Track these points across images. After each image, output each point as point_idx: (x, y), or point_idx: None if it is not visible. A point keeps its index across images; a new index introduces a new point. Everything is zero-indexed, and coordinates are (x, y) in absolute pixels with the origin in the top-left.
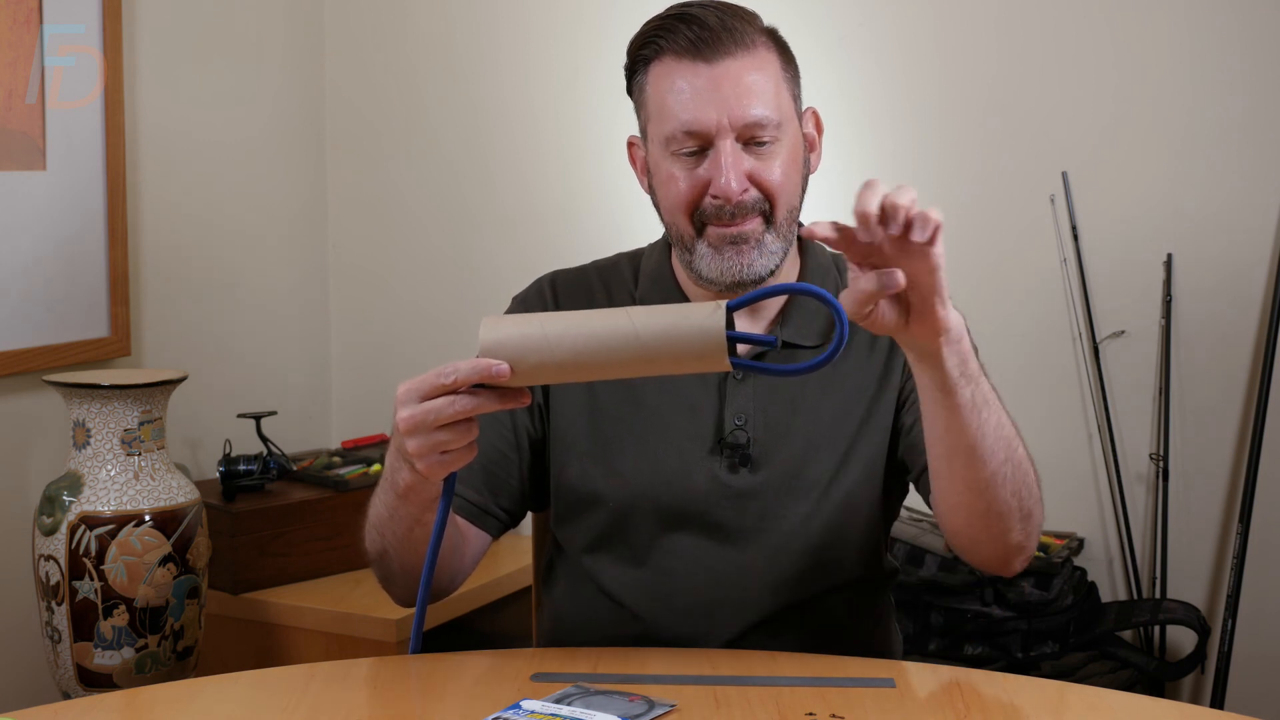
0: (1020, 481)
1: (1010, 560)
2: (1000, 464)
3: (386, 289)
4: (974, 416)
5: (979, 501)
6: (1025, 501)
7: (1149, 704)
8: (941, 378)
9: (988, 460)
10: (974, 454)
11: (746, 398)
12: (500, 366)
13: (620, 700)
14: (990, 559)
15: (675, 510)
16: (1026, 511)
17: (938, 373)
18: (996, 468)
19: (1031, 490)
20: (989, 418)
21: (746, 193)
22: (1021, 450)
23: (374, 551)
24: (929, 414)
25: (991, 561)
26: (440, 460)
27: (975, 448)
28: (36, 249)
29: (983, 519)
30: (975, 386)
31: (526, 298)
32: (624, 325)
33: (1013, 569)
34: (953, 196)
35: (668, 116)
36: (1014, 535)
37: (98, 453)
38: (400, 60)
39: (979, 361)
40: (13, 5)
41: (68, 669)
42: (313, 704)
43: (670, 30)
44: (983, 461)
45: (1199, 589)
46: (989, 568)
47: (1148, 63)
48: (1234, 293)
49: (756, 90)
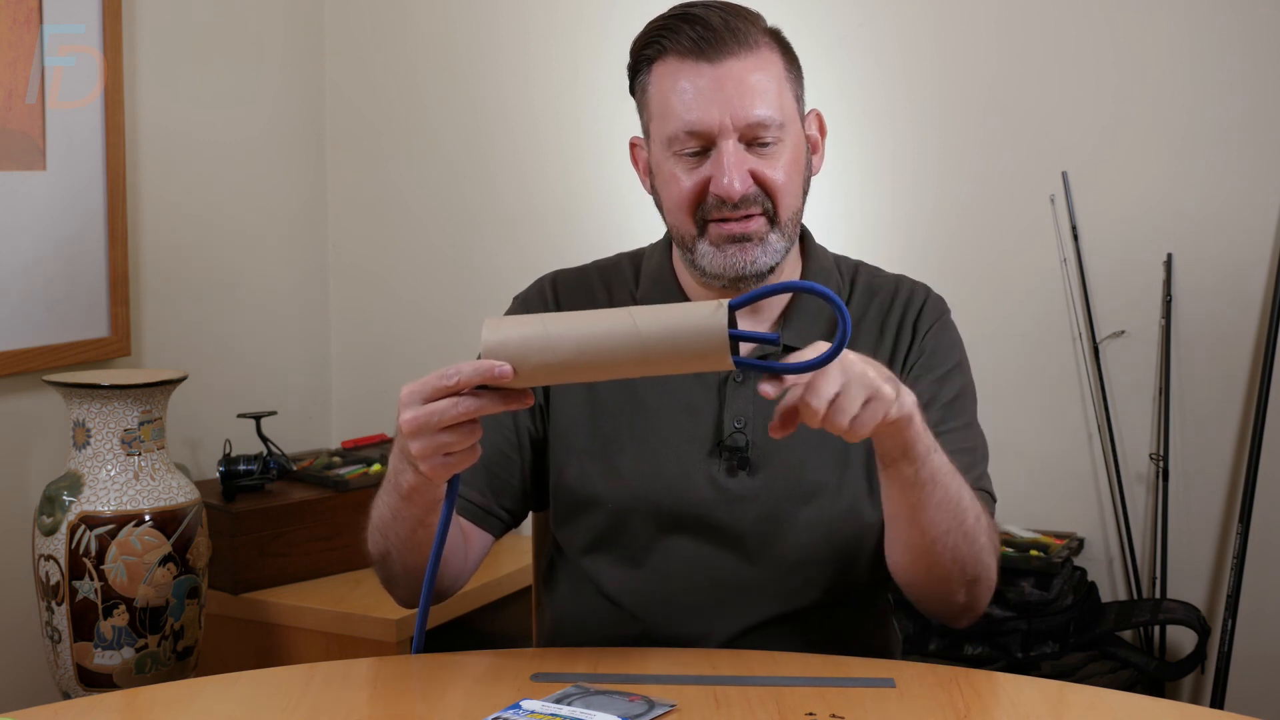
0: (965, 550)
1: (957, 618)
2: (941, 534)
3: (386, 289)
4: (914, 492)
5: (918, 563)
6: (969, 568)
7: (1149, 704)
8: (881, 452)
9: (927, 530)
10: (913, 522)
11: (746, 400)
12: (503, 367)
13: (620, 700)
14: (935, 613)
15: (674, 512)
16: (972, 577)
17: (879, 447)
18: (937, 536)
19: (979, 558)
20: (932, 494)
21: (749, 191)
22: (970, 521)
23: (377, 553)
24: (880, 477)
25: (938, 615)
26: (444, 462)
27: (914, 518)
28: (36, 249)
29: (923, 578)
30: (919, 466)
31: (527, 298)
32: (626, 325)
33: (960, 624)
34: (953, 196)
35: (670, 117)
36: (958, 597)
37: (98, 453)
38: (400, 60)
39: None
40: (13, 5)
41: (68, 669)
42: (313, 704)
43: (673, 30)
44: (922, 531)
45: (1199, 589)
46: (937, 619)
47: (1148, 63)
48: (1234, 293)
49: (759, 90)
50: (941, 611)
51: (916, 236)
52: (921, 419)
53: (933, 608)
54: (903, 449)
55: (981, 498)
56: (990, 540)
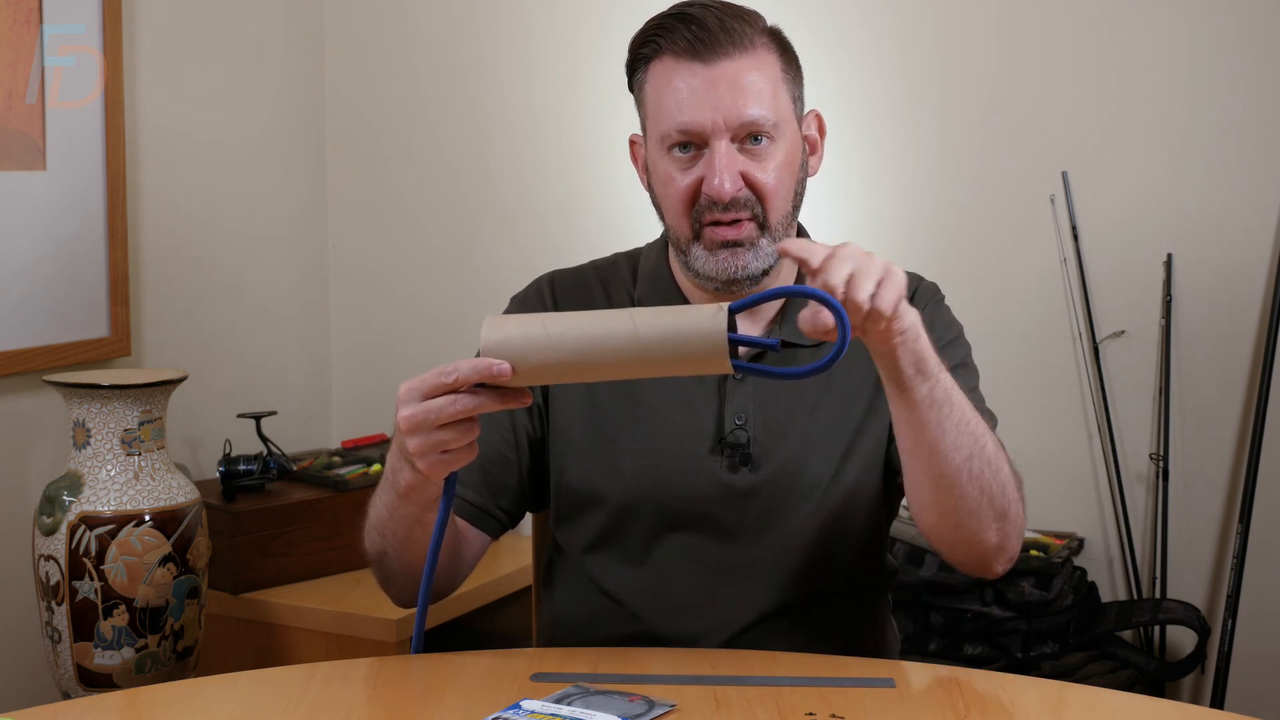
0: (990, 479)
1: (990, 562)
2: (964, 460)
3: (386, 289)
4: (931, 412)
5: (945, 497)
6: (998, 500)
7: (1149, 704)
8: (896, 373)
9: (950, 456)
10: (934, 450)
11: (746, 397)
12: (502, 366)
13: (620, 700)
14: (967, 560)
15: (675, 510)
16: (1001, 510)
17: (892, 368)
18: (960, 463)
19: (1005, 489)
20: (949, 414)
21: (740, 191)
22: (990, 448)
23: (374, 552)
24: (892, 410)
25: (970, 562)
26: (441, 459)
27: (935, 443)
28: (36, 249)
29: (952, 517)
30: (933, 383)
31: (525, 298)
32: (626, 326)
33: (994, 571)
34: (953, 196)
35: (664, 116)
36: (989, 535)
37: (98, 453)
38: (400, 60)
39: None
40: (13, 5)
41: (68, 669)
42: (313, 704)
43: (670, 30)
44: (944, 457)
45: (1199, 589)
46: (969, 569)
47: (1148, 63)
48: (1234, 293)
49: (753, 91)
50: (974, 556)
51: (916, 236)
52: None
53: (962, 553)
54: (915, 364)
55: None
56: (1013, 473)
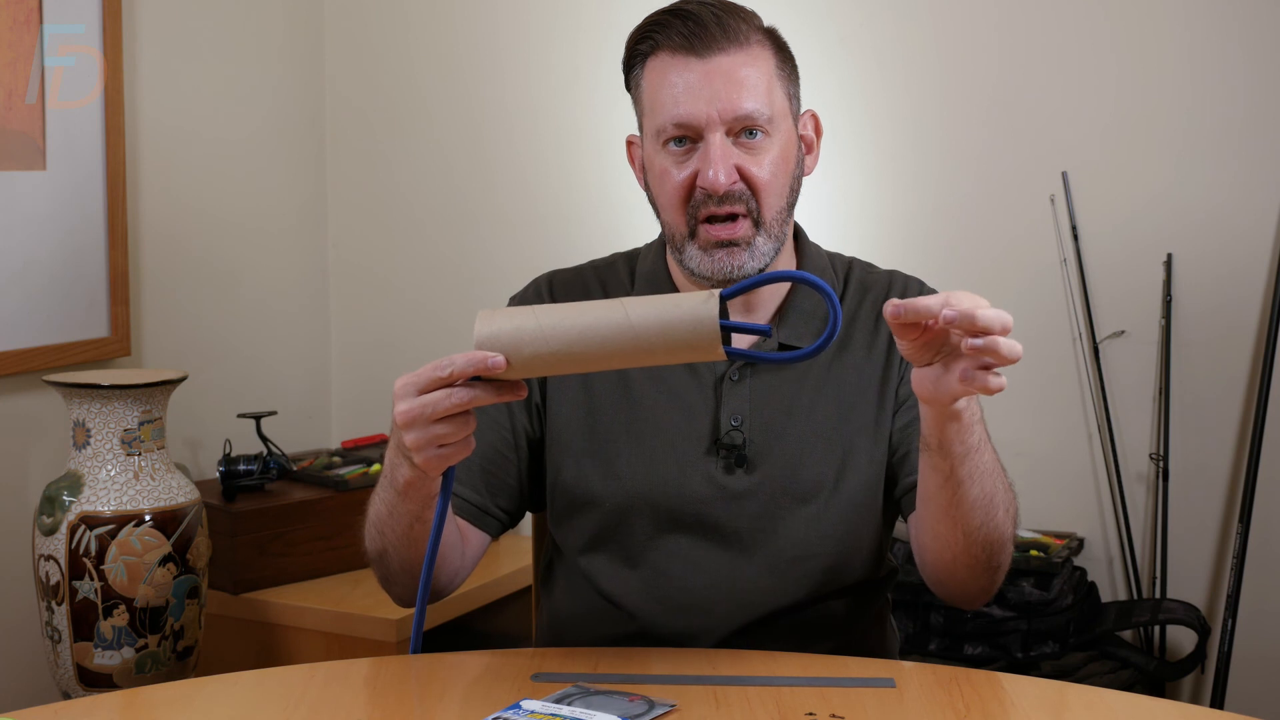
0: (995, 541)
1: (973, 601)
2: (976, 528)
3: (386, 288)
4: (957, 490)
5: (947, 551)
6: (995, 557)
7: (1149, 704)
8: (938, 440)
9: (963, 522)
10: (950, 515)
11: (742, 399)
12: (496, 359)
13: (620, 700)
14: (950, 597)
15: (671, 511)
16: (995, 566)
17: (934, 435)
18: (972, 530)
19: (1005, 547)
20: (970, 491)
21: (734, 184)
22: (1000, 515)
23: (374, 550)
24: (921, 464)
25: (952, 599)
26: (438, 454)
27: (952, 511)
28: (36, 249)
29: (949, 566)
30: (969, 464)
31: (524, 298)
32: (618, 315)
33: (972, 607)
34: (953, 196)
35: (659, 110)
36: (979, 583)
37: (98, 453)
38: (400, 60)
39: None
40: (13, 5)
41: (68, 669)
42: (313, 704)
43: (665, 26)
44: (955, 524)
45: (1199, 589)
46: (949, 602)
47: (1148, 63)
48: (1234, 293)
49: (747, 84)
50: (957, 596)
51: (916, 236)
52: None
53: (950, 592)
54: (958, 443)
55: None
56: (1014, 528)
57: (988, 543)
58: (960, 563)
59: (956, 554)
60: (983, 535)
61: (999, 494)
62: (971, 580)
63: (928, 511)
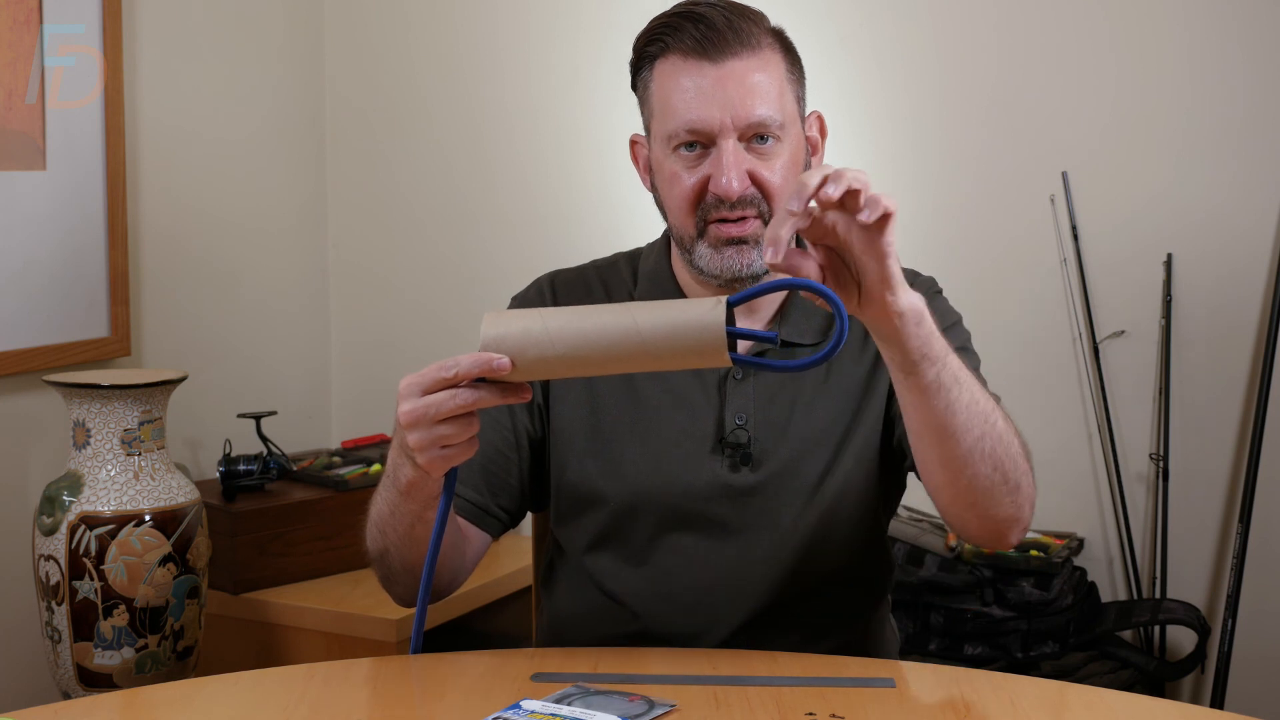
0: (1002, 455)
1: (1004, 533)
2: (975, 440)
3: (386, 288)
4: (940, 396)
5: (959, 478)
6: (1010, 474)
7: (1149, 704)
8: (902, 358)
9: (961, 437)
10: (945, 432)
11: (746, 397)
12: (501, 360)
13: (620, 700)
14: (981, 533)
15: (676, 509)
16: (1014, 484)
17: (897, 354)
18: (971, 444)
19: (1016, 462)
20: (958, 396)
21: (747, 190)
22: (1000, 424)
23: (375, 550)
24: (899, 395)
25: (984, 536)
26: (441, 455)
27: (945, 426)
28: (36, 249)
29: (966, 495)
30: (940, 367)
31: (526, 297)
32: (625, 321)
33: (1008, 542)
34: (953, 196)
35: (671, 115)
36: (1002, 509)
37: (98, 453)
38: (400, 60)
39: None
40: (13, 5)
41: (68, 669)
42: (313, 704)
43: (676, 28)
44: (955, 439)
45: (1199, 589)
46: (983, 542)
47: (1148, 63)
48: (1234, 293)
49: (760, 91)
50: (986, 529)
51: (916, 236)
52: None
53: (975, 528)
54: (921, 347)
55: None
56: (1023, 445)
57: (994, 457)
58: (976, 486)
59: (970, 477)
60: (986, 447)
61: (991, 407)
62: (993, 505)
63: (923, 445)
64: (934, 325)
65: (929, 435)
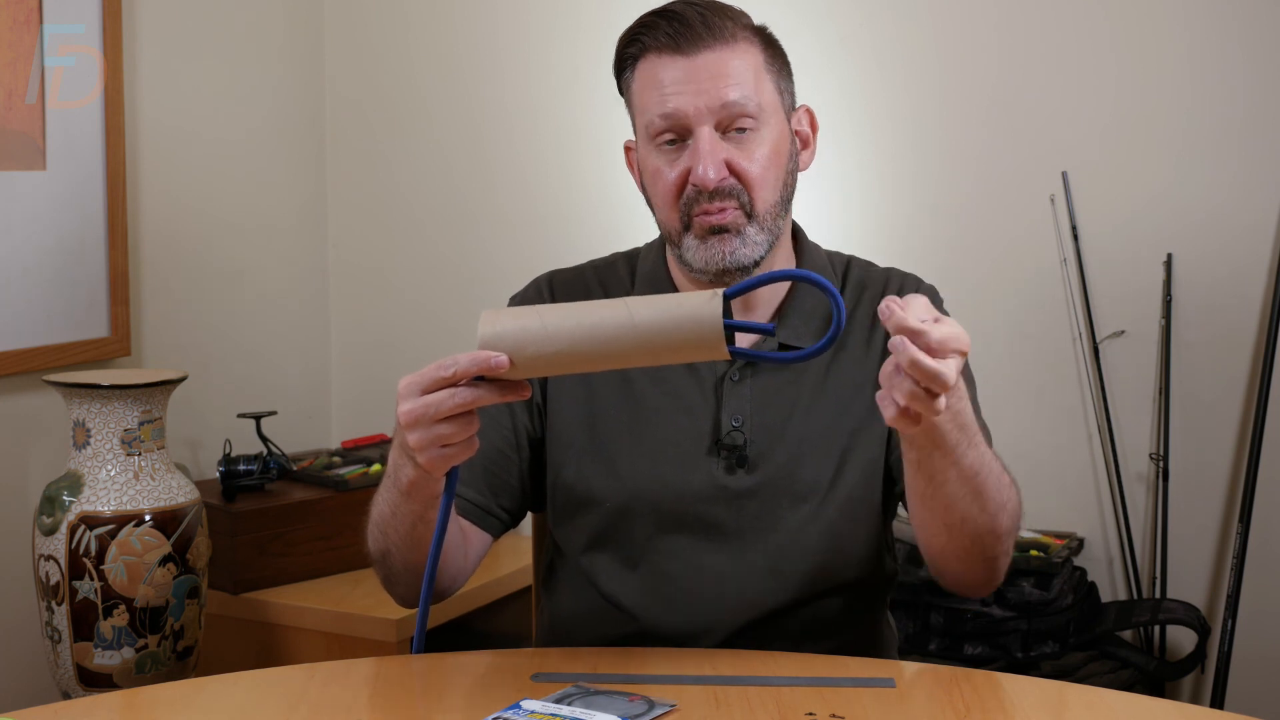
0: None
1: (978, 591)
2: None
3: (387, 288)
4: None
5: (937, 538)
6: (1004, 542)
7: (1149, 704)
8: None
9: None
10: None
11: (743, 399)
12: (499, 358)
13: (620, 700)
14: (957, 587)
15: (672, 511)
16: (990, 558)
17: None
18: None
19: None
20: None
21: (724, 180)
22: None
23: (377, 551)
24: (909, 464)
25: (959, 589)
26: (441, 454)
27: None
28: (36, 249)
29: (941, 553)
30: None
31: (525, 297)
32: (622, 315)
33: (976, 594)
34: (953, 196)
35: (648, 108)
36: (974, 573)
37: (98, 453)
38: (400, 60)
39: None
40: (13, 5)
41: (68, 669)
42: (313, 704)
43: (652, 27)
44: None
45: (1199, 589)
46: (957, 592)
47: (1148, 63)
48: (1234, 293)
49: (734, 77)
50: (958, 586)
51: (916, 236)
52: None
53: (949, 579)
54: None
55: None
56: (1011, 523)
57: (975, 535)
58: (950, 553)
59: (944, 544)
60: (969, 529)
61: (988, 488)
62: (966, 571)
63: (910, 501)
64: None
65: (915, 499)
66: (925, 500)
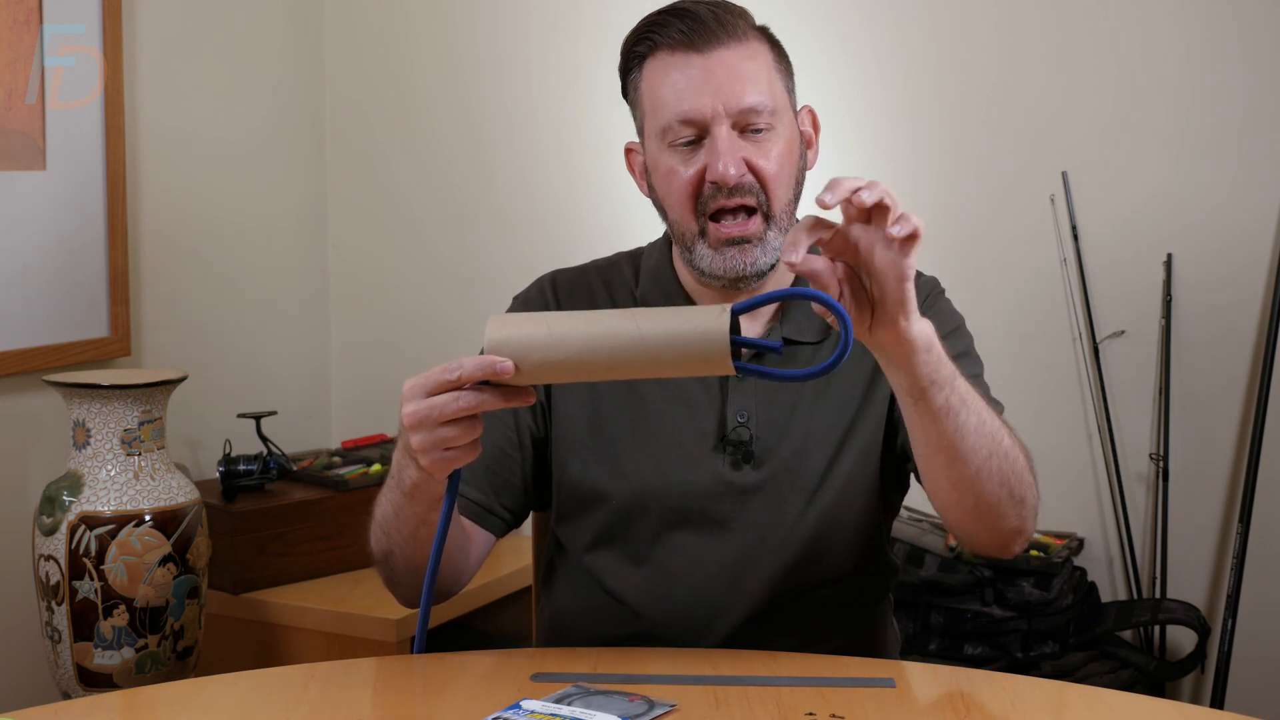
0: (1008, 471)
1: (1008, 544)
2: (983, 460)
3: (386, 288)
4: (949, 420)
5: (966, 497)
6: (1016, 489)
7: (1149, 704)
8: (910, 384)
9: (969, 459)
10: (954, 455)
11: (748, 395)
12: (505, 364)
13: (620, 700)
14: (986, 545)
15: (678, 508)
16: (1018, 498)
17: (906, 380)
18: (979, 464)
19: (1021, 477)
20: (966, 419)
21: (744, 177)
22: (1006, 441)
23: (379, 552)
24: (906, 417)
25: (988, 547)
26: (444, 456)
27: (954, 449)
28: (36, 249)
29: (973, 511)
30: (950, 391)
31: (528, 297)
32: (629, 327)
33: (1011, 552)
34: (953, 196)
35: (663, 108)
36: (1008, 521)
37: (98, 453)
38: (400, 60)
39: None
40: (13, 5)
41: (68, 669)
42: (313, 704)
43: (663, 25)
44: (964, 461)
45: (1199, 589)
46: (987, 553)
47: (1148, 63)
48: (1234, 293)
49: (750, 77)
50: (993, 540)
51: None
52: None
53: (983, 540)
54: (930, 375)
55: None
56: (1027, 457)
57: (1001, 474)
58: (983, 504)
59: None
60: (994, 465)
61: (997, 425)
62: (999, 520)
63: (931, 467)
64: (942, 351)
65: (937, 458)
66: (931, 460)
